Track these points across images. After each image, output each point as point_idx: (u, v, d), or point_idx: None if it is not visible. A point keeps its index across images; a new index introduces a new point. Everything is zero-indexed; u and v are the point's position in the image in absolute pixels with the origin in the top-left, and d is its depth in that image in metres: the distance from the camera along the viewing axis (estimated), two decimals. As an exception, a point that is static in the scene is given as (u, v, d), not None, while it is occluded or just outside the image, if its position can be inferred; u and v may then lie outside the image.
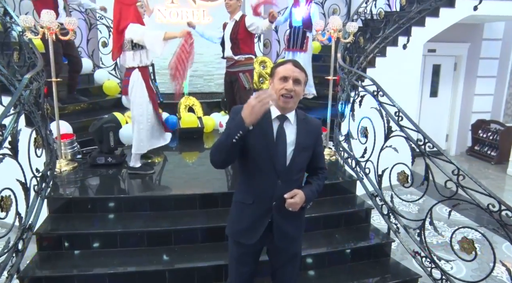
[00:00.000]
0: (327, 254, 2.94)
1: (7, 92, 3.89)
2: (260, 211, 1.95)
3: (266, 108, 1.72)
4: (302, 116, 2.01)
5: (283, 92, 1.86)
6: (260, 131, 1.86)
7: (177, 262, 2.70)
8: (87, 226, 2.90)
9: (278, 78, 1.90)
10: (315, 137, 2.03)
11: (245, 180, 2.00)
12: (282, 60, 2.00)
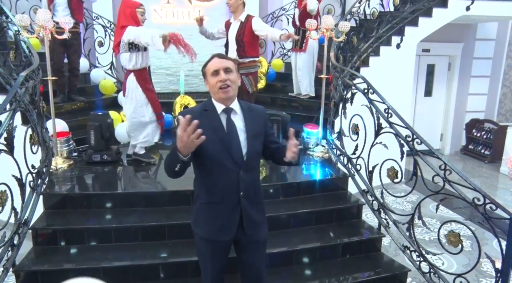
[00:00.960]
0: (319, 249, 2.99)
1: (3, 91, 3.94)
2: (231, 205, 1.99)
3: (197, 141, 1.68)
4: (246, 105, 2.08)
5: (219, 85, 1.93)
6: (211, 129, 1.89)
7: (171, 257, 2.75)
8: (82, 222, 2.95)
9: (210, 74, 1.97)
10: (263, 122, 2.09)
11: (207, 180, 2.00)
12: (208, 59, 2.04)
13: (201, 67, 2.08)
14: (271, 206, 3.24)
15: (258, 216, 2.11)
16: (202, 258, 2.18)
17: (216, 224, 2.03)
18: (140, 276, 2.69)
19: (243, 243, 2.15)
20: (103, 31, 5.74)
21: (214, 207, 2.02)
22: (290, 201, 3.38)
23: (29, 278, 2.60)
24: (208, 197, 2.03)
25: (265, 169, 3.85)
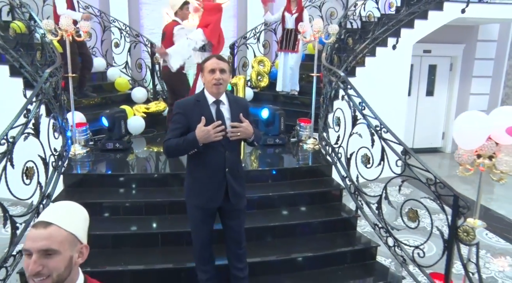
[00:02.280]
0: (299, 225, 3.40)
1: (31, 87, 4.48)
2: (218, 179, 2.45)
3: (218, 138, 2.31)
4: (232, 98, 2.54)
5: (214, 82, 2.37)
6: (201, 118, 2.33)
7: (169, 228, 3.21)
8: (96, 198, 3.44)
9: (207, 71, 2.40)
10: (245, 110, 2.52)
11: (199, 160, 2.44)
12: (208, 56, 2.48)
13: (202, 61, 2.53)
14: (262, 188, 3.69)
15: (240, 189, 2.56)
16: (194, 224, 2.62)
17: (207, 194, 2.48)
18: (142, 243, 3.15)
19: (227, 210, 2.59)
20: (119, 33, 6.26)
21: (205, 181, 2.48)
22: (280, 184, 3.80)
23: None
24: (200, 173, 2.49)
25: (257, 157, 4.28)
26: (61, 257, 1.25)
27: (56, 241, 1.23)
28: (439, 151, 8.98)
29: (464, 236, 2.58)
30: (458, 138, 2.61)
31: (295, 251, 3.22)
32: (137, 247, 3.14)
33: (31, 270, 1.21)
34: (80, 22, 4.21)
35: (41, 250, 1.21)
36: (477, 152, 2.65)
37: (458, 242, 2.61)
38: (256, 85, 6.42)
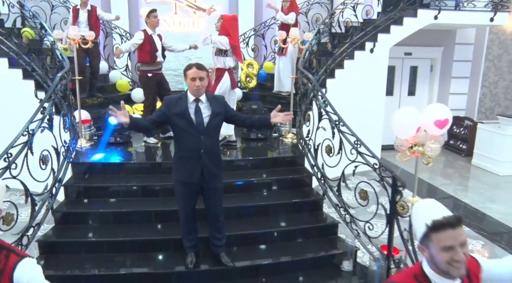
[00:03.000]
0: (274, 205, 3.98)
1: (41, 88, 5.08)
2: (195, 159, 3.03)
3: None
4: (210, 96, 3.14)
5: (194, 88, 2.98)
6: (181, 111, 2.99)
7: (161, 207, 3.80)
8: (100, 183, 4.03)
9: (189, 79, 3.00)
10: (223, 105, 3.14)
11: (180, 142, 3.07)
12: (188, 65, 3.05)
13: (184, 68, 3.11)
14: (245, 175, 4.29)
15: (215, 169, 3.14)
16: (179, 199, 3.21)
17: (186, 171, 3.09)
18: (137, 219, 3.74)
19: (206, 189, 3.18)
20: (120, 39, 6.86)
21: (184, 160, 3.08)
22: (259, 172, 4.39)
23: (63, 217, 3.69)
24: (181, 153, 3.09)
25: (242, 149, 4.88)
26: None
27: None
28: (421, 147, 9.53)
29: (400, 209, 3.15)
30: (396, 130, 3.18)
31: (269, 226, 3.80)
32: (135, 223, 3.73)
33: None
34: (85, 32, 4.80)
35: None
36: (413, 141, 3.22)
37: (397, 216, 3.19)
38: (245, 86, 7.01)
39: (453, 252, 1.48)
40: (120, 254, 3.46)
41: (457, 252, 1.48)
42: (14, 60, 5.55)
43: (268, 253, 3.56)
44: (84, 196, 3.95)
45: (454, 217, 1.53)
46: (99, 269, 3.27)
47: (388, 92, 9.08)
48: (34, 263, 1.68)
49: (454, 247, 1.48)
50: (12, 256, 1.62)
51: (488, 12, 7.18)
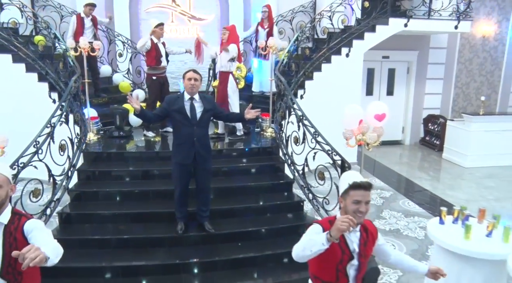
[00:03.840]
0: (251, 186, 4.77)
1: (54, 89, 5.89)
2: (189, 145, 3.84)
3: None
4: (202, 95, 3.95)
5: (189, 86, 3.80)
6: (178, 107, 3.79)
7: (158, 187, 4.61)
8: (106, 168, 4.84)
9: (186, 79, 3.83)
10: (213, 104, 3.98)
11: (177, 132, 3.90)
12: (188, 70, 3.88)
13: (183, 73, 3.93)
14: (230, 162, 5.10)
15: (205, 153, 3.95)
16: (175, 178, 4.01)
17: (182, 154, 3.89)
18: (140, 197, 4.54)
19: (198, 170, 3.98)
20: (122, 45, 7.68)
21: (181, 146, 3.88)
22: (241, 160, 5.21)
23: (77, 195, 4.51)
24: (178, 140, 3.91)
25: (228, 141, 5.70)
26: (2, 190, 2.13)
27: (2, 180, 2.13)
28: (400, 143, 10.34)
29: (348, 185, 3.95)
30: (344, 122, 3.98)
31: (247, 203, 4.60)
32: (136, 200, 4.54)
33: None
34: (93, 42, 5.61)
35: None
36: (359, 131, 4.02)
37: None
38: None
39: (360, 205, 2.12)
40: (123, 223, 4.27)
41: (362, 206, 2.12)
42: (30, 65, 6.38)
43: (244, 224, 4.36)
44: (93, 178, 4.77)
45: (366, 182, 2.15)
46: (106, 234, 4.08)
47: (368, 93, 9.94)
48: (38, 221, 2.24)
49: (361, 202, 2.12)
50: (23, 218, 2.19)
51: (453, 21, 7.96)
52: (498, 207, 6.04)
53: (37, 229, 2.13)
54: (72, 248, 3.94)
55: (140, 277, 3.77)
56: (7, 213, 2.16)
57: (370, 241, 2.30)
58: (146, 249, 3.99)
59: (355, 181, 2.16)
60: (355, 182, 2.16)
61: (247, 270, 3.90)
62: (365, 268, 2.35)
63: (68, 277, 3.70)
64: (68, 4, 7.83)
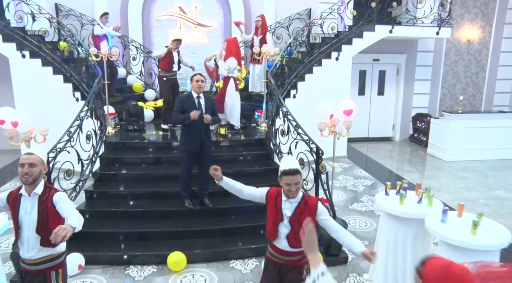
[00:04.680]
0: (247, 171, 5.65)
1: (77, 89, 6.85)
2: (197, 135, 4.72)
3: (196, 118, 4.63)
4: (205, 95, 4.85)
5: (197, 86, 4.69)
6: (190, 104, 4.68)
7: (167, 171, 5.52)
8: (123, 155, 5.77)
9: (194, 81, 4.73)
10: (213, 103, 4.87)
11: (187, 125, 4.73)
12: (194, 73, 4.78)
13: (191, 75, 4.83)
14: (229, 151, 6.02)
15: (209, 143, 4.86)
16: (184, 162, 4.89)
17: (192, 143, 4.77)
18: (152, 180, 5.45)
19: (201, 155, 4.87)
20: (136, 50, 8.62)
21: (190, 136, 4.77)
22: (239, 149, 6.10)
23: (99, 177, 5.44)
24: (188, 132, 4.78)
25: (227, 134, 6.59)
26: (37, 168, 2.64)
27: (35, 160, 2.65)
28: (390, 140, 11.14)
29: (321, 168, 4.81)
30: (318, 116, 4.84)
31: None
32: (149, 182, 5.45)
33: (24, 172, 2.59)
34: (112, 49, 6.56)
35: (29, 163, 2.62)
36: (331, 124, 4.88)
37: (320, 173, 4.84)
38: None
39: (290, 186, 2.68)
40: (138, 200, 5.18)
41: (292, 187, 2.67)
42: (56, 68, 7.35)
43: (238, 201, 5.21)
44: (112, 164, 5.70)
45: (293, 169, 2.66)
46: (123, 208, 5.00)
47: (360, 93, 10.76)
48: (63, 193, 2.77)
49: (291, 184, 2.67)
50: (52, 191, 2.74)
51: (435, 27, 8.75)
52: (466, 194, 6.85)
53: (63, 200, 2.69)
54: (96, 218, 4.90)
55: (151, 241, 4.68)
56: (40, 186, 2.72)
57: (305, 212, 2.74)
58: (156, 220, 4.90)
59: (284, 169, 2.71)
60: (284, 169, 2.70)
61: (236, 238, 4.78)
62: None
63: (94, 240, 4.62)
64: (88, 13, 8.79)
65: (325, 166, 4.82)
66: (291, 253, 2.83)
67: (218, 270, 4.37)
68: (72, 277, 4.13)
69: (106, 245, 4.59)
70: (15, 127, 4.12)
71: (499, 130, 8.91)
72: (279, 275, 2.91)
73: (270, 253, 2.95)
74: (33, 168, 2.62)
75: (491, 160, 8.81)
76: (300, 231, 2.08)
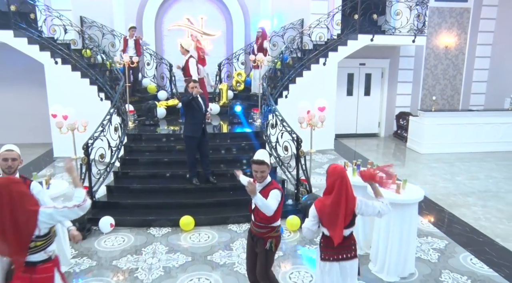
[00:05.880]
0: (241, 157, 6.94)
1: (101, 91, 8.19)
2: (200, 123, 5.99)
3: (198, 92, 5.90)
4: (202, 96, 6.11)
5: (195, 89, 5.95)
6: (196, 104, 5.93)
7: (177, 157, 6.82)
8: (141, 144, 7.09)
9: (190, 87, 5.99)
10: (204, 98, 6.16)
11: (192, 117, 5.99)
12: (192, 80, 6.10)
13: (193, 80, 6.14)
14: (228, 141, 7.26)
15: (206, 129, 6.14)
16: (189, 146, 6.16)
17: (195, 129, 6.03)
18: (164, 164, 6.75)
19: (202, 141, 6.15)
20: (150, 56, 9.95)
21: (194, 124, 6.03)
22: (237, 140, 7.38)
23: (124, 162, 6.74)
24: (193, 120, 6.04)
25: (227, 127, 7.88)
26: (17, 161, 3.14)
27: (16, 155, 3.12)
28: (376, 135, 12.37)
29: (301, 153, 6.07)
30: (298, 111, 6.10)
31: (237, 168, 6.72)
32: (163, 165, 6.75)
33: (8, 165, 3.06)
34: (133, 57, 7.89)
35: (12, 158, 3.10)
36: (308, 118, 6.15)
37: (299, 157, 6.11)
38: (236, 89, 10.01)
39: (256, 173, 3.32)
40: (155, 179, 6.48)
41: (258, 173, 3.30)
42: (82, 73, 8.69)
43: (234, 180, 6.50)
44: (134, 151, 7.02)
45: (259, 160, 3.27)
46: (144, 184, 6.31)
47: (349, 93, 12.01)
48: (38, 184, 3.20)
49: (258, 171, 3.31)
50: (27, 180, 3.14)
51: (411, 36, 9.97)
52: (429, 178, 8.08)
53: (41, 191, 3.14)
54: (122, 192, 6.22)
55: (166, 209, 5.96)
56: (17, 176, 3.14)
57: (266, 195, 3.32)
58: (169, 194, 6.20)
59: (253, 159, 3.31)
60: (253, 159, 3.31)
61: (233, 208, 6.04)
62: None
63: (121, 208, 5.92)
64: (108, 24, 10.12)
65: (303, 152, 6.09)
66: (257, 225, 3.52)
67: (219, 230, 5.65)
68: (107, 234, 5.44)
69: (131, 212, 5.88)
70: (65, 120, 5.43)
71: (468, 127, 10.11)
72: (252, 241, 3.63)
73: (250, 224, 3.68)
74: (14, 161, 3.14)
75: (460, 152, 9.99)
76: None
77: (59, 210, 2.55)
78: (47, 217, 2.51)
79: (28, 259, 2.55)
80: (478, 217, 6.11)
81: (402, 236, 4.26)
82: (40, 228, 2.52)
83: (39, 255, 2.60)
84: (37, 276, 2.59)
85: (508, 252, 5.00)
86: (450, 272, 4.52)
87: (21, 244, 2.47)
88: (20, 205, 2.43)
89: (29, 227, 2.47)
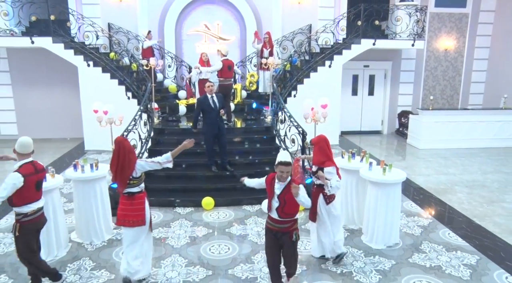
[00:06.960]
0: (254, 149, 7.87)
1: (128, 90, 9.21)
2: (214, 122, 6.93)
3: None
4: (217, 94, 7.07)
5: (209, 90, 6.89)
6: (208, 104, 6.87)
7: (195, 148, 7.79)
8: (166, 137, 8.07)
9: (207, 86, 6.93)
10: (223, 99, 7.10)
11: (207, 117, 6.93)
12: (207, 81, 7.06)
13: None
14: (241, 135, 8.20)
15: (222, 125, 7.09)
16: (207, 141, 7.14)
17: (211, 127, 6.99)
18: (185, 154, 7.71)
19: (220, 136, 7.10)
20: (170, 59, 10.95)
21: (210, 124, 7.00)
22: (250, 134, 8.32)
23: (150, 152, 7.73)
24: (208, 120, 7.01)
25: (241, 123, 8.82)
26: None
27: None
28: (379, 133, 13.18)
29: (306, 145, 6.98)
30: (303, 108, 7.01)
31: (254, 158, 7.69)
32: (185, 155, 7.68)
33: None
34: (158, 61, 8.88)
35: None
36: (312, 114, 7.06)
37: (304, 148, 7.01)
38: (249, 89, 10.96)
39: (283, 174, 3.71)
40: (179, 167, 7.42)
41: (284, 174, 3.71)
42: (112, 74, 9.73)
43: (248, 168, 7.46)
44: (159, 143, 8.01)
45: (286, 161, 3.67)
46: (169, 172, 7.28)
47: (354, 93, 12.86)
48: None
49: (284, 172, 3.71)
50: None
51: (410, 40, 10.78)
52: (424, 171, 8.90)
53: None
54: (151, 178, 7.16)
55: (189, 193, 6.92)
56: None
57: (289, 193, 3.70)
58: (192, 180, 7.16)
59: (281, 160, 3.71)
60: (281, 160, 3.70)
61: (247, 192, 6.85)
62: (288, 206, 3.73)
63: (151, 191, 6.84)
64: (133, 30, 11.16)
65: (308, 143, 6.99)
66: (281, 222, 3.85)
67: (235, 210, 6.59)
68: (140, 212, 6.42)
69: (159, 195, 6.85)
70: (106, 115, 6.43)
71: (464, 124, 10.88)
72: (275, 238, 3.93)
73: (268, 222, 3.98)
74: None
75: (456, 148, 10.77)
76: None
77: (148, 163, 4.34)
78: (140, 166, 4.23)
79: (129, 190, 4.19)
80: (461, 202, 6.95)
81: (387, 210, 5.14)
82: (136, 171, 4.17)
83: (136, 188, 4.23)
84: (135, 201, 4.20)
85: (482, 228, 5.84)
86: (430, 243, 5.38)
87: (123, 179, 4.11)
88: (128, 155, 4.10)
89: (130, 170, 4.12)
